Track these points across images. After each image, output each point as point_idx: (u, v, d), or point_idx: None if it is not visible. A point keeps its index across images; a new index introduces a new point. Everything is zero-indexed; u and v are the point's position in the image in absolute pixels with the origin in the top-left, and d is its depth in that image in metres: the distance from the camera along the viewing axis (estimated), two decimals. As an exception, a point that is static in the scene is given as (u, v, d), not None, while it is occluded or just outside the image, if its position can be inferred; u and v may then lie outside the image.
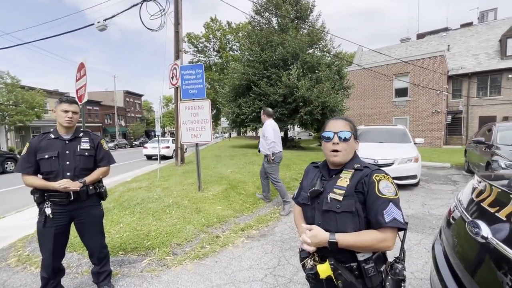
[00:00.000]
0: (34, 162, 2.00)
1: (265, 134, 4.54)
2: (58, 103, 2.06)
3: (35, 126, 26.83)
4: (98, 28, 7.93)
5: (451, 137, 20.38)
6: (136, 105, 50.07)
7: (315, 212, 1.16)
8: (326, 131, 1.20)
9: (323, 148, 1.23)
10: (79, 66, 4.97)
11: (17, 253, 3.16)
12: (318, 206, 1.15)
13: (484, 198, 1.44)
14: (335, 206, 1.08)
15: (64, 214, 2.05)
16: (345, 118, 1.24)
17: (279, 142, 4.61)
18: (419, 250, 3.04)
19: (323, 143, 1.22)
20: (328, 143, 1.17)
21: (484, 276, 1.18)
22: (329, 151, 1.17)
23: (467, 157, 8.11)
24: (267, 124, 4.59)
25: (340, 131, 1.16)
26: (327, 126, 1.22)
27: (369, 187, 1.07)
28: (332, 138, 1.16)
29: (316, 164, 1.34)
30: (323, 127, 1.26)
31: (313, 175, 1.28)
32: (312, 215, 1.17)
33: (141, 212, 4.07)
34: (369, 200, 1.06)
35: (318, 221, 1.14)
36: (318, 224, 1.13)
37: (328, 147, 1.17)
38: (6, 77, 21.56)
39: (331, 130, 1.18)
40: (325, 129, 1.21)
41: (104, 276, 2.31)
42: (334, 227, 1.08)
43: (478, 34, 22.65)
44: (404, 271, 1.07)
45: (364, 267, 1.03)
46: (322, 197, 1.14)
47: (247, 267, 2.77)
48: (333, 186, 1.13)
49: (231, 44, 34.60)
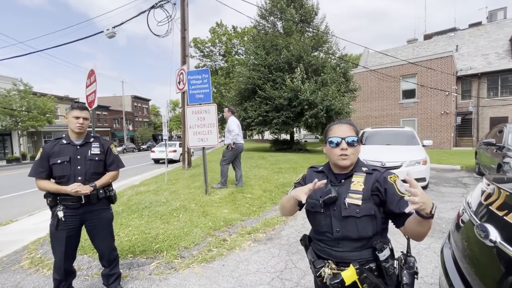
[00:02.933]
0: (47, 167, 2.06)
1: (230, 129, 5.49)
2: (70, 110, 2.13)
3: (46, 131, 27.53)
4: (107, 35, 8.14)
5: (461, 139, 19.98)
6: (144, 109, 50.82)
7: (331, 219, 1.12)
8: (333, 136, 1.17)
9: (328, 152, 1.20)
10: (89, 73, 5.10)
11: (30, 255, 3.24)
12: (335, 213, 1.11)
13: (493, 201, 1.42)
14: (354, 211, 1.07)
15: (75, 217, 2.11)
16: (349, 122, 1.22)
17: (241, 135, 5.73)
18: (429, 254, 2.99)
19: (328, 148, 1.19)
20: (336, 149, 1.15)
21: (493, 280, 1.17)
22: (337, 155, 1.14)
23: (478, 159, 7.94)
24: (232, 120, 5.57)
25: (347, 136, 1.14)
26: (332, 131, 1.19)
27: (387, 188, 1.08)
28: (340, 143, 1.14)
29: (316, 169, 1.29)
30: (326, 131, 1.23)
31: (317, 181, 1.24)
32: (327, 223, 1.13)
33: (149, 216, 4.12)
34: (393, 199, 1.06)
35: (337, 228, 1.11)
36: (336, 231, 1.10)
37: (335, 152, 1.15)
38: (19, 84, 22.23)
39: (338, 135, 1.15)
40: (331, 134, 1.18)
41: (114, 278, 2.35)
42: (355, 232, 1.08)
43: (487, 34, 22.26)
44: (416, 264, 1.11)
45: (385, 266, 1.05)
46: (338, 203, 1.11)
47: (254, 270, 2.77)
48: (347, 191, 1.12)
49: (237, 48, 34.90)
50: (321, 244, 1.17)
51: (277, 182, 6.47)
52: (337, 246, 1.12)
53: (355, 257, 1.08)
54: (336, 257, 1.11)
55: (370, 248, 1.09)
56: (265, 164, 9.17)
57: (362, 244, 1.09)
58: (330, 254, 1.14)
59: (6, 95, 21.01)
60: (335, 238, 1.12)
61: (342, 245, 1.11)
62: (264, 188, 5.85)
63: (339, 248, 1.12)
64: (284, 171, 7.92)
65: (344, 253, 1.10)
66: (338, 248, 1.12)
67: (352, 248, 1.10)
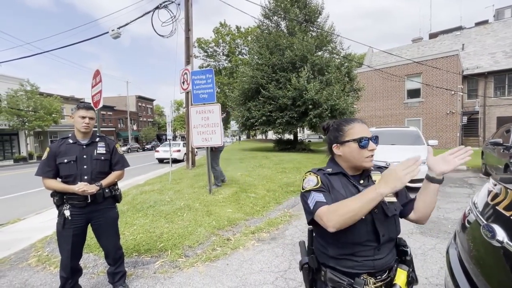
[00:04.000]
0: (54, 166, 2.09)
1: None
2: (76, 109, 2.16)
3: (52, 131, 27.86)
4: (112, 36, 8.20)
5: (467, 139, 19.72)
6: (148, 109, 51.14)
7: (374, 224, 1.00)
8: (360, 136, 1.05)
9: (351, 154, 1.06)
10: (94, 73, 5.15)
11: (37, 253, 3.29)
12: (377, 215, 1.00)
13: (500, 202, 1.41)
14: (394, 209, 1.04)
15: (81, 216, 2.13)
16: (362, 120, 1.15)
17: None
18: (434, 255, 2.96)
19: (354, 149, 1.05)
20: (364, 150, 1.04)
21: (500, 281, 1.15)
22: (364, 157, 1.05)
23: (484, 159, 7.84)
24: None
25: (373, 136, 1.07)
26: (355, 130, 1.07)
27: None
28: (369, 143, 1.05)
29: (327, 172, 1.11)
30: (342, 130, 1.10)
31: (339, 183, 1.08)
32: (369, 230, 0.99)
33: (153, 215, 4.16)
34: (401, 193, 1.12)
35: (383, 232, 1.00)
36: (382, 236, 0.99)
37: (364, 154, 1.04)
38: (26, 84, 22.54)
39: (366, 135, 1.05)
40: (356, 133, 1.06)
41: (119, 276, 2.38)
42: (395, 231, 1.05)
43: (494, 32, 21.94)
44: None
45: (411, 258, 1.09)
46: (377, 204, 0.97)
47: (258, 270, 2.77)
48: None
49: (240, 48, 34.95)
50: (358, 259, 1.00)
51: (281, 182, 6.47)
52: (378, 253, 1.01)
53: (392, 258, 1.05)
54: (377, 266, 1.00)
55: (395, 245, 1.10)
56: (269, 164, 9.17)
57: (394, 243, 1.08)
58: (369, 266, 1.00)
59: (13, 95, 21.34)
60: (381, 243, 1.00)
61: (383, 251, 1.02)
62: (267, 187, 5.85)
63: (380, 255, 1.01)
64: (288, 171, 7.91)
65: (383, 259, 1.02)
66: (379, 255, 1.01)
67: (390, 250, 1.05)
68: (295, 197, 5.36)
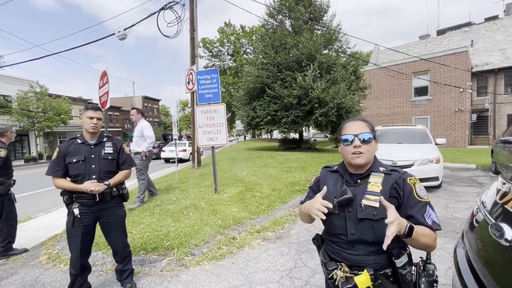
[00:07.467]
0: (63, 165, 2.14)
1: (144, 133, 4.72)
2: (84, 110, 2.20)
3: (61, 132, 28.40)
4: (118, 38, 8.31)
5: (477, 137, 19.34)
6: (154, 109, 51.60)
7: (346, 222, 1.08)
8: (345, 133, 1.13)
9: (342, 151, 1.16)
10: (101, 74, 5.23)
11: (47, 251, 3.37)
12: (350, 215, 1.07)
13: (508, 200, 1.38)
14: (371, 214, 1.02)
15: (90, 215, 2.18)
16: (363, 118, 1.18)
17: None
18: (442, 254, 2.93)
19: (342, 147, 1.15)
20: (349, 147, 1.10)
21: (509, 281, 1.14)
22: (350, 153, 1.10)
23: (494, 158, 7.68)
24: (146, 124, 4.81)
25: (361, 133, 1.10)
26: (345, 128, 1.15)
27: (405, 191, 1.05)
28: (353, 140, 1.09)
29: (331, 168, 1.25)
30: (339, 129, 1.19)
31: (332, 181, 1.19)
32: (342, 225, 1.09)
33: (160, 214, 4.21)
34: (409, 204, 1.04)
35: (351, 230, 1.06)
36: (351, 234, 1.06)
37: (348, 150, 1.11)
38: (36, 86, 23.03)
39: (351, 132, 1.11)
40: (344, 131, 1.15)
41: (127, 274, 2.42)
42: (371, 235, 1.03)
43: (504, 28, 21.43)
44: (436, 272, 1.06)
45: (402, 273, 1.00)
46: (354, 204, 1.06)
47: (264, 268, 2.79)
48: (363, 192, 1.07)
49: (245, 48, 34.94)
50: (334, 246, 1.14)
51: (286, 181, 6.46)
52: (351, 249, 1.08)
53: (370, 261, 1.04)
54: (350, 260, 1.07)
55: (387, 253, 1.03)
56: (274, 163, 9.16)
57: (378, 248, 1.02)
58: (343, 257, 1.10)
59: (23, 97, 21.82)
60: (349, 240, 1.07)
61: (357, 249, 1.07)
62: (273, 187, 5.85)
63: (353, 252, 1.08)
64: (293, 170, 7.89)
65: (358, 256, 1.06)
66: (352, 251, 1.08)
67: (367, 252, 1.06)
68: (301, 196, 5.35)
